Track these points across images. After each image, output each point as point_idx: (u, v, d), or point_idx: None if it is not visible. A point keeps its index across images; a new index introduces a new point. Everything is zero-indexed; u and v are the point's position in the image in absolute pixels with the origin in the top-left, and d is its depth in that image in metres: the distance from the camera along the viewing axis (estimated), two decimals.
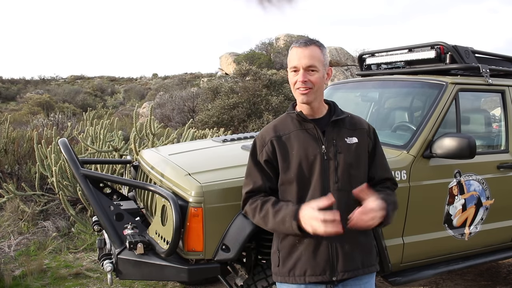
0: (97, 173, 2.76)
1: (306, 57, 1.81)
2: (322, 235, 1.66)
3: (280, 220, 1.74)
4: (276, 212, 1.77)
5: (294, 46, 1.86)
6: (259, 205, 1.83)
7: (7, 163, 6.33)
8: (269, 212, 1.79)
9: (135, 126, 5.22)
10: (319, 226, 1.61)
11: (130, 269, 2.30)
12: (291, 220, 1.71)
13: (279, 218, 1.75)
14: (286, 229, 1.75)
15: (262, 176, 1.87)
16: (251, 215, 1.88)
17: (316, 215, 1.62)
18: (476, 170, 2.92)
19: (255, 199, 1.86)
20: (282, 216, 1.75)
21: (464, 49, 3.18)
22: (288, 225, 1.72)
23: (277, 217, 1.76)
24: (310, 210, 1.65)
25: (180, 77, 37.20)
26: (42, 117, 13.15)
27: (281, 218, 1.74)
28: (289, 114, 1.94)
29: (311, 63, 1.80)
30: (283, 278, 1.84)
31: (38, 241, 4.67)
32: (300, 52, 1.82)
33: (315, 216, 1.62)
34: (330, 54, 16.31)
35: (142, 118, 14.45)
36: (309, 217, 1.65)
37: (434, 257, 2.87)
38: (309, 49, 1.82)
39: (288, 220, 1.72)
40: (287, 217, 1.73)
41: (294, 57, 1.83)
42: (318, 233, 1.64)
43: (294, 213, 1.71)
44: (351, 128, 1.90)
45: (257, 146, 1.92)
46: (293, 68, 1.84)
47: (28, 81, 39.33)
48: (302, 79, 1.80)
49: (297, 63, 1.82)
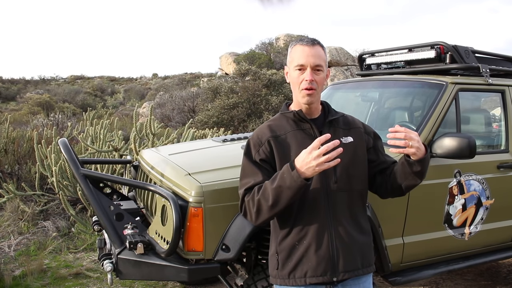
0: (97, 173, 2.76)
1: (313, 56, 1.79)
2: (329, 167, 1.58)
3: (279, 181, 1.63)
4: (272, 180, 1.68)
5: (299, 44, 1.82)
6: (256, 189, 1.73)
7: (7, 163, 6.33)
8: (266, 187, 1.69)
9: (135, 126, 5.22)
10: (321, 161, 1.55)
11: (130, 269, 2.31)
12: (290, 172, 1.61)
13: (276, 181, 1.65)
14: (289, 186, 1.61)
15: (260, 173, 1.79)
16: (251, 204, 1.74)
17: (314, 153, 1.56)
18: (476, 170, 2.92)
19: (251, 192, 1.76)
20: (279, 177, 1.65)
21: (464, 49, 3.18)
22: (289, 179, 1.61)
23: (274, 183, 1.65)
24: (304, 153, 1.59)
25: (180, 77, 37.20)
26: (42, 117, 13.15)
27: (279, 179, 1.64)
28: (284, 114, 1.90)
29: (318, 63, 1.79)
30: (282, 281, 1.81)
31: (38, 241, 4.67)
32: (308, 50, 1.79)
33: (314, 155, 1.56)
34: (330, 54, 16.30)
35: (142, 118, 14.45)
36: (307, 160, 1.58)
37: (434, 257, 2.87)
38: (315, 48, 1.80)
39: (287, 175, 1.62)
40: (285, 174, 1.63)
41: (301, 55, 1.80)
42: (325, 168, 1.57)
43: (289, 166, 1.63)
44: (345, 127, 1.89)
45: (251, 146, 1.85)
46: (298, 66, 1.80)
47: (28, 81, 39.33)
48: (310, 78, 1.77)
49: (305, 61, 1.78)
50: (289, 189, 1.63)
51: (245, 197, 1.78)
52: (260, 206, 1.70)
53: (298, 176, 1.60)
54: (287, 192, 1.63)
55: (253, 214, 1.74)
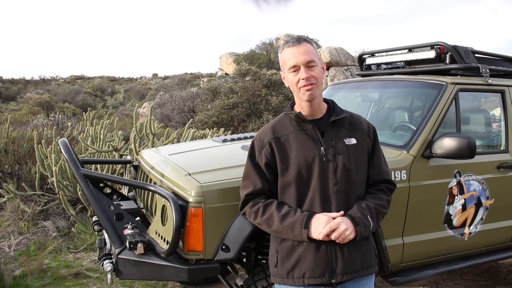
0: (97, 173, 2.76)
1: (303, 53, 1.79)
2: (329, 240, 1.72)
3: (288, 226, 1.75)
4: (283, 217, 1.77)
5: (286, 47, 1.83)
6: (261, 207, 1.82)
7: (7, 163, 6.33)
8: (273, 216, 1.78)
9: (135, 126, 5.22)
10: (325, 237, 1.69)
11: (130, 269, 2.30)
12: (301, 229, 1.73)
13: (286, 223, 1.76)
14: (293, 236, 1.76)
15: (261, 178, 1.85)
16: (252, 217, 1.87)
17: (332, 224, 1.70)
18: (476, 170, 2.92)
19: (256, 202, 1.85)
20: (291, 222, 1.75)
21: (464, 49, 3.18)
22: (297, 232, 1.74)
23: (284, 222, 1.76)
24: (322, 223, 1.71)
25: (180, 77, 37.21)
26: (42, 117, 13.15)
27: (290, 224, 1.75)
28: (288, 115, 1.91)
29: (310, 58, 1.79)
30: (281, 280, 1.83)
31: (38, 241, 4.67)
32: (295, 50, 1.80)
33: (332, 224, 1.70)
34: (330, 54, 16.29)
35: (142, 118, 14.45)
36: (319, 230, 1.70)
37: (434, 257, 2.87)
38: (303, 45, 1.81)
39: (298, 227, 1.74)
40: (297, 225, 1.74)
41: (290, 57, 1.81)
42: (328, 239, 1.71)
43: (304, 221, 1.73)
44: (350, 128, 1.88)
45: (255, 148, 1.89)
46: (292, 68, 1.81)
47: (28, 81, 39.34)
48: (305, 75, 1.78)
49: (296, 61, 1.79)
50: (294, 237, 1.78)
51: (246, 204, 1.89)
52: (261, 225, 1.87)
53: (306, 236, 1.73)
54: (289, 236, 1.79)
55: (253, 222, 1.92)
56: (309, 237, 1.73)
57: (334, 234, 1.70)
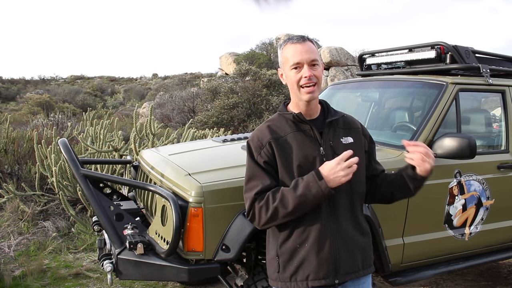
0: (97, 173, 2.76)
1: (307, 51, 1.77)
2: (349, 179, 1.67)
3: (304, 189, 1.66)
4: (294, 188, 1.69)
5: (289, 43, 1.80)
6: (270, 195, 1.72)
7: (7, 163, 6.33)
8: (285, 194, 1.69)
9: (135, 126, 5.22)
10: (348, 172, 1.64)
11: (130, 269, 2.30)
12: (317, 182, 1.65)
13: (301, 189, 1.67)
14: (315, 194, 1.65)
15: (268, 176, 1.77)
16: (263, 210, 1.72)
17: (343, 164, 1.64)
18: (476, 170, 2.92)
19: (262, 197, 1.74)
20: (304, 184, 1.67)
21: (465, 49, 3.18)
22: (316, 189, 1.65)
23: (298, 190, 1.67)
24: (332, 163, 1.66)
25: (180, 77, 37.22)
26: (42, 117, 13.14)
27: (305, 187, 1.66)
28: (283, 115, 1.87)
29: (314, 57, 1.77)
30: (284, 284, 1.79)
31: (38, 241, 4.67)
32: (300, 47, 1.77)
33: (343, 165, 1.64)
34: (330, 54, 16.28)
35: (142, 118, 14.45)
36: (335, 170, 1.64)
37: (434, 257, 2.87)
38: (307, 44, 1.79)
39: (314, 184, 1.65)
40: (311, 182, 1.66)
41: (294, 53, 1.78)
42: (348, 179, 1.66)
43: (315, 175, 1.67)
44: (345, 128, 1.88)
45: (253, 148, 1.83)
46: (295, 65, 1.78)
47: (28, 81, 39.35)
48: (308, 74, 1.75)
49: (300, 58, 1.76)
50: (314, 197, 1.67)
51: (255, 202, 1.75)
52: (277, 213, 1.70)
53: (325, 185, 1.64)
54: (312, 200, 1.68)
55: (264, 219, 1.74)
56: (331, 187, 1.65)
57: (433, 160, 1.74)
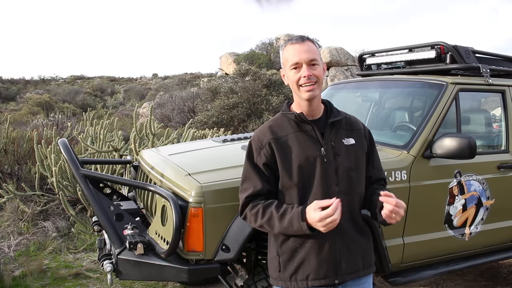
0: (97, 173, 2.76)
1: (306, 51, 1.78)
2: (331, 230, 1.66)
3: (288, 223, 1.72)
4: (281, 216, 1.74)
5: (289, 44, 1.82)
6: (260, 209, 1.77)
7: (7, 163, 6.32)
8: (273, 216, 1.75)
9: (135, 126, 5.22)
10: (326, 225, 1.62)
11: (130, 269, 2.30)
12: (299, 222, 1.69)
13: (285, 222, 1.72)
14: (295, 232, 1.73)
15: (261, 179, 1.80)
16: (252, 220, 1.81)
17: (322, 217, 1.62)
18: (476, 170, 2.92)
19: (255, 204, 1.80)
20: (289, 219, 1.72)
21: (465, 49, 3.18)
22: (297, 227, 1.70)
23: (283, 221, 1.73)
24: (315, 215, 1.64)
25: (180, 77, 37.23)
26: (42, 117, 13.14)
27: (288, 222, 1.72)
28: (286, 115, 1.88)
29: (312, 57, 1.78)
30: (284, 283, 1.80)
31: (38, 241, 4.66)
32: (299, 47, 1.78)
33: (321, 217, 1.62)
34: (330, 54, 16.28)
35: (142, 118, 14.44)
36: (315, 221, 1.64)
37: (434, 257, 2.87)
38: (306, 44, 1.80)
39: (296, 222, 1.70)
40: (294, 220, 1.70)
41: (293, 54, 1.79)
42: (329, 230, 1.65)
43: (300, 215, 1.69)
44: (348, 128, 1.88)
45: (253, 148, 1.85)
46: (294, 65, 1.79)
47: (28, 81, 39.37)
48: (307, 73, 1.76)
49: (299, 58, 1.77)
50: (295, 233, 1.74)
51: (246, 207, 1.83)
52: (263, 228, 1.81)
53: (306, 228, 1.69)
54: (294, 234, 1.75)
55: (254, 226, 1.85)
56: (310, 228, 1.67)
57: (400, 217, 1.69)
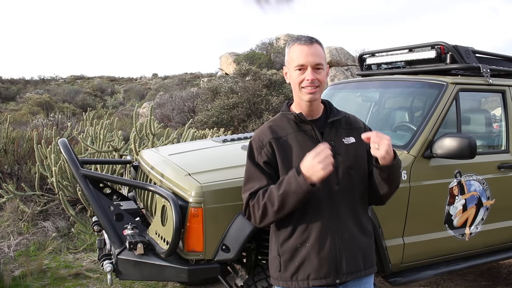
0: (97, 173, 2.76)
1: (313, 55, 1.76)
2: (332, 171, 1.63)
3: (286, 185, 1.66)
4: (278, 185, 1.69)
5: (297, 44, 1.80)
6: (260, 194, 1.74)
7: (7, 163, 6.32)
8: (272, 190, 1.70)
9: (135, 126, 5.22)
10: (324, 166, 1.59)
11: (130, 269, 2.30)
12: (296, 177, 1.63)
13: (283, 186, 1.67)
14: (295, 191, 1.64)
15: (264, 177, 1.79)
16: (256, 208, 1.75)
17: (319, 156, 1.60)
18: (476, 170, 2.92)
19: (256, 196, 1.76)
20: (286, 181, 1.67)
21: (465, 49, 3.18)
22: (295, 184, 1.63)
23: (281, 187, 1.67)
24: (309, 157, 1.62)
25: (180, 77, 37.22)
26: (42, 117, 13.13)
27: (286, 183, 1.66)
28: (285, 115, 1.88)
29: (318, 61, 1.77)
30: (285, 283, 1.80)
31: (38, 241, 4.66)
32: (306, 49, 1.77)
33: (319, 157, 1.59)
34: (330, 54, 16.28)
35: (142, 118, 14.44)
36: (313, 164, 1.60)
37: (434, 257, 2.87)
38: (314, 46, 1.78)
39: (293, 180, 1.64)
40: (291, 179, 1.65)
41: (300, 55, 1.77)
42: (329, 171, 1.61)
43: (295, 171, 1.65)
44: (347, 127, 1.88)
45: (254, 148, 1.84)
46: (299, 67, 1.77)
47: (28, 81, 39.36)
48: (311, 77, 1.75)
49: (305, 61, 1.76)
50: (295, 194, 1.65)
51: (249, 201, 1.78)
52: (266, 210, 1.72)
53: (304, 181, 1.62)
54: (293, 197, 1.66)
55: (258, 217, 1.76)
56: (310, 182, 1.62)
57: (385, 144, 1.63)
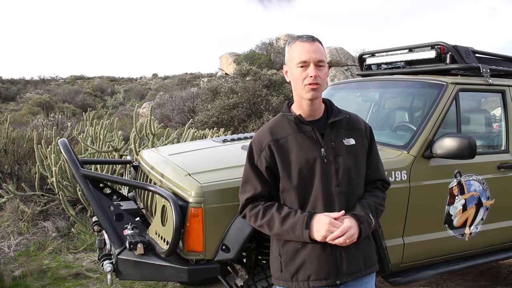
0: (97, 173, 2.76)
1: (315, 51, 1.78)
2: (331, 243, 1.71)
3: (289, 227, 1.74)
4: (283, 219, 1.75)
5: (299, 41, 1.81)
6: (261, 210, 1.80)
7: (7, 163, 6.32)
8: (274, 218, 1.76)
9: (135, 126, 5.22)
10: (333, 234, 1.68)
11: (130, 269, 2.30)
12: (302, 229, 1.71)
13: (287, 225, 1.74)
14: (294, 237, 1.75)
15: (261, 182, 1.82)
16: (252, 220, 1.84)
17: (333, 224, 1.69)
18: (476, 170, 2.92)
19: (255, 205, 1.83)
20: (292, 223, 1.73)
21: (465, 49, 3.18)
22: (299, 233, 1.72)
23: (285, 224, 1.74)
24: (323, 223, 1.69)
25: (180, 77, 37.20)
26: (42, 117, 13.13)
27: (290, 226, 1.73)
28: (286, 116, 1.88)
29: (320, 58, 1.78)
30: (285, 283, 1.81)
31: (38, 241, 4.66)
32: (309, 46, 1.78)
33: (333, 224, 1.69)
34: (330, 54, 16.28)
35: (142, 118, 14.43)
36: (323, 228, 1.68)
37: (434, 257, 2.87)
38: (315, 44, 1.80)
39: (299, 228, 1.72)
40: (298, 225, 1.72)
41: (302, 52, 1.78)
42: (328, 240, 1.69)
43: (305, 222, 1.71)
44: (348, 128, 1.88)
45: (254, 150, 1.87)
46: (301, 63, 1.78)
47: (28, 81, 39.35)
48: (314, 73, 1.76)
49: (307, 57, 1.77)
50: (295, 238, 1.76)
51: (246, 208, 1.86)
52: (262, 228, 1.83)
53: (307, 236, 1.72)
54: (291, 238, 1.77)
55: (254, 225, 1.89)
56: (311, 238, 1.71)
57: (341, 239, 1.69)
